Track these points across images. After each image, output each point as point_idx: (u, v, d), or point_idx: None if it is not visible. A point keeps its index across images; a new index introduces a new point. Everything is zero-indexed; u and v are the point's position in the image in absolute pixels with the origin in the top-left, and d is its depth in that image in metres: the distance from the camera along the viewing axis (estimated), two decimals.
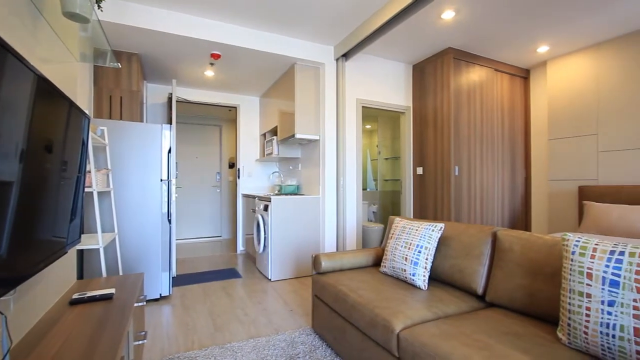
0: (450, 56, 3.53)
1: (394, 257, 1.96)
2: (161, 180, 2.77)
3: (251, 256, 4.47)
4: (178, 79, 4.21)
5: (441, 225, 1.89)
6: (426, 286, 1.79)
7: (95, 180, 2.04)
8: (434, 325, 1.35)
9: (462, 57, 3.61)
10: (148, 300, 2.79)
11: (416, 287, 1.80)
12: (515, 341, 1.18)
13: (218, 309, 2.61)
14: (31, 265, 1.07)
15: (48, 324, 1.29)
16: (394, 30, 3.10)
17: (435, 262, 1.93)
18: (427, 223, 1.94)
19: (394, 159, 5.55)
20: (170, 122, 4.26)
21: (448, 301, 1.62)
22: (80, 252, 2.51)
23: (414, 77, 4.07)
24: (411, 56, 3.83)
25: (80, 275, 2.50)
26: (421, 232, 1.90)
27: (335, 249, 3.65)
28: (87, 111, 2.71)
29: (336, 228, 3.64)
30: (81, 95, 2.50)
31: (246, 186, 5.00)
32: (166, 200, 2.80)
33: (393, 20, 2.80)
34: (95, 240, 2.13)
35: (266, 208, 3.48)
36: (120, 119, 3.05)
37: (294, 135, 3.56)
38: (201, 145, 6.03)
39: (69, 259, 1.78)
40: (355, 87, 3.73)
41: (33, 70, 1.00)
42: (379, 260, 2.33)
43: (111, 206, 2.51)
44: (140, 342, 1.65)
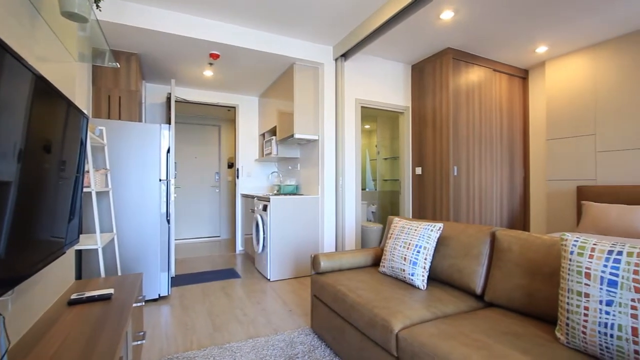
0: (449, 56, 3.53)
1: (393, 257, 1.96)
2: (160, 180, 2.76)
3: (250, 256, 4.47)
4: (177, 79, 4.20)
5: (440, 225, 1.89)
6: (425, 286, 1.79)
7: (93, 180, 2.03)
8: (433, 325, 1.35)
9: (461, 57, 3.62)
10: (147, 300, 2.79)
11: (415, 287, 1.80)
12: (514, 341, 1.18)
13: (217, 309, 2.61)
14: (29, 265, 1.07)
15: (46, 325, 1.29)
16: (393, 30, 3.11)
17: (434, 262, 1.93)
18: (426, 223, 1.94)
19: (393, 159, 5.56)
20: (169, 122, 4.25)
21: (447, 301, 1.62)
22: (78, 252, 2.50)
23: (413, 77, 4.08)
24: (410, 56, 3.83)
25: (78, 275, 2.49)
26: (420, 232, 1.90)
27: (334, 249, 3.66)
28: (86, 111, 2.71)
29: (335, 228, 3.65)
30: (80, 95, 2.49)
31: (245, 186, 5.00)
32: (165, 200, 2.80)
33: (392, 20, 2.80)
34: (93, 240, 2.13)
35: (265, 208, 3.47)
36: (119, 119, 3.05)
37: (293, 135, 3.56)
38: (200, 145, 6.02)
39: (68, 259, 1.77)
40: (354, 87, 3.73)
41: (31, 69, 1.00)
42: (378, 260, 2.33)
43: (110, 206, 2.51)
44: (138, 343, 1.64)
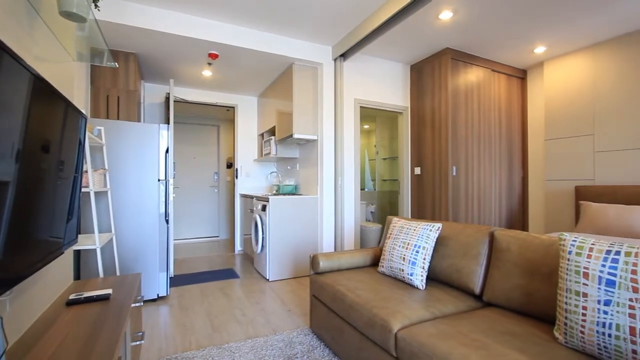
0: (447, 56, 3.54)
1: (392, 257, 1.96)
2: (159, 180, 2.76)
3: (249, 256, 4.47)
4: (176, 79, 4.19)
5: (439, 225, 1.89)
6: (424, 286, 1.79)
7: (92, 180, 2.03)
8: (432, 325, 1.35)
9: (460, 58, 3.62)
10: (145, 300, 2.78)
11: (414, 287, 1.81)
12: (512, 340, 1.19)
13: (216, 310, 2.61)
14: (27, 265, 1.07)
15: (44, 325, 1.29)
16: (392, 30, 3.11)
17: (433, 262, 1.93)
18: (425, 223, 1.95)
19: (392, 159, 5.56)
20: (167, 122, 4.25)
21: (446, 301, 1.62)
22: (77, 253, 2.50)
23: (412, 77, 4.08)
24: (409, 56, 3.84)
25: (77, 275, 2.49)
26: (419, 232, 1.90)
27: (333, 249, 3.66)
28: (84, 111, 2.70)
29: (334, 228, 3.65)
30: (78, 94, 2.49)
31: (244, 186, 4.99)
32: (164, 200, 2.79)
33: (391, 20, 2.80)
34: (92, 240, 2.12)
35: (264, 208, 3.47)
36: (117, 119, 3.04)
37: (292, 135, 3.56)
38: (199, 145, 6.01)
39: (66, 260, 1.77)
40: (353, 87, 3.73)
41: (29, 69, 1.00)
42: (377, 260, 2.34)
43: (108, 206, 2.50)
44: (137, 343, 1.64)
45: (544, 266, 1.41)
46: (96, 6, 1.66)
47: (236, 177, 4.96)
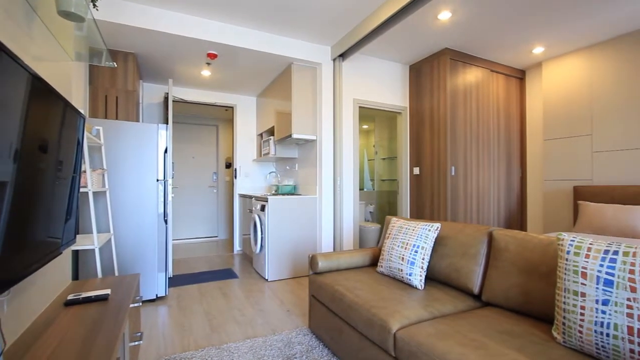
0: (446, 57, 3.54)
1: (391, 257, 1.97)
2: (157, 180, 2.76)
3: (248, 256, 4.46)
4: (174, 79, 4.19)
5: (437, 225, 1.90)
6: (423, 286, 1.80)
7: (90, 180, 2.02)
8: (431, 324, 1.36)
9: (459, 58, 3.63)
10: (144, 301, 2.78)
11: (413, 287, 1.81)
12: (510, 340, 1.19)
13: (214, 310, 2.60)
14: (25, 266, 1.06)
15: (42, 325, 1.28)
16: (391, 30, 3.12)
17: (431, 262, 1.93)
18: (424, 223, 1.95)
19: (391, 159, 5.57)
20: (166, 122, 4.24)
21: (444, 301, 1.63)
22: (75, 253, 2.49)
23: (411, 78, 4.08)
24: (408, 56, 3.84)
25: (75, 276, 2.48)
26: (418, 232, 1.91)
27: (332, 249, 3.66)
28: (83, 111, 2.69)
29: (333, 228, 3.65)
30: (76, 94, 2.48)
31: (243, 186, 4.99)
32: (162, 200, 2.79)
33: (390, 20, 2.80)
34: (90, 240, 2.12)
35: (263, 208, 3.47)
36: (116, 119, 3.03)
37: (291, 135, 3.56)
38: (198, 145, 6.00)
39: (64, 260, 1.76)
40: (352, 87, 3.73)
41: (27, 69, 1.00)
42: (376, 260, 2.34)
43: (107, 206, 2.49)
44: (136, 343, 1.64)
45: (543, 266, 1.41)
46: (94, 6, 1.66)
47: (235, 177, 4.95)
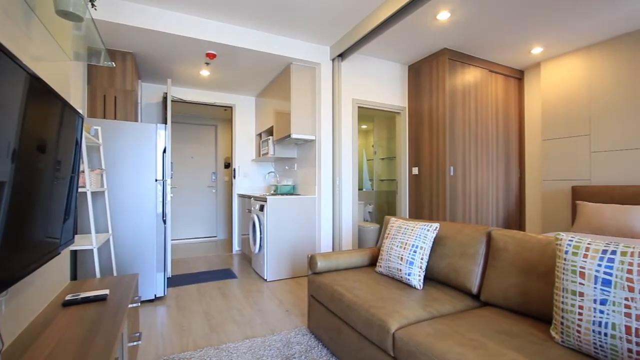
0: (445, 57, 3.55)
1: (390, 257, 1.97)
2: (156, 180, 2.75)
3: (247, 256, 4.46)
4: (173, 79, 4.18)
5: (436, 225, 1.90)
6: (421, 286, 1.80)
7: (88, 180, 2.02)
8: (429, 324, 1.36)
9: (457, 58, 3.63)
10: (143, 301, 2.77)
11: (412, 287, 1.81)
12: (509, 340, 1.19)
13: (213, 310, 2.60)
14: (23, 266, 1.06)
15: (41, 326, 1.28)
16: (390, 30, 3.12)
17: (430, 262, 1.94)
18: (423, 223, 1.95)
19: (390, 159, 5.57)
20: (165, 122, 4.23)
21: (443, 300, 1.63)
22: (73, 253, 2.48)
23: (410, 78, 4.09)
24: (407, 56, 3.84)
25: (73, 276, 2.48)
26: (416, 232, 1.91)
27: (331, 249, 3.66)
28: (81, 110, 2.69)
29: (332, 228, 3.65)
30: (75, 94, 2.48)
31: (242, 186, 4.99)
32: (161, 200, 2.78)
33: (389, 20, 2.81)
34: (89, 240, 2.11)
35: (262, 208, 3.47)
36: (114, 119, 3.03)
37: (290, 135, 3.56)
38: (196, 145, 6.00)
39: (62, 260, 1.76)
40: (351, 87, 3.73)
41: (25, 69, 0.99)
42: (375, 260, 2.34)
43: (105, 206, 2.49)
44: (134, 344, 1.64)
45: (541, 266, 1.41)
46: (93, 5, 1.65)
47: (234, 177, 4.95)
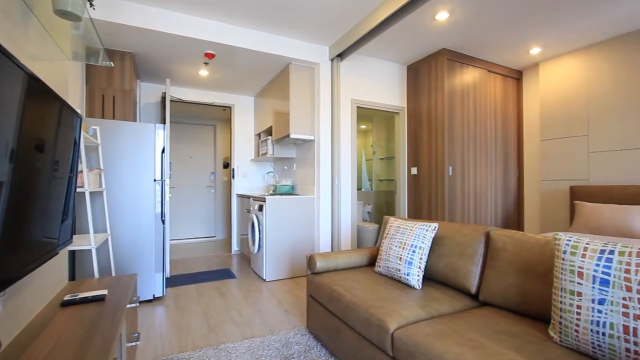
0: (444, 57, 3.55)
1: (389, 257, 1.97)
2: (155, 180, 2.75)
3: (246, 256, 4.46)
4: (172, 78, 4.18)
5: (435, 225, 1.90)
6: (420, 286, 1.80)
7: (87, 180, 2.01)
8: (428, 324, 1.36)
9: (456, 58, 3.64)
10: (141, 301, 2.77)
11: (410, 287, 1.81)
12: (507, 340, 1.19)
13: (212, 310, 2.60)
14: (21, 266, 1.06)
15: (39, 326, 1.27)
16: (389, 31, 3.12)
17: (429, 262, 1.94)
18: (421, 223, 1.95)
19: (389, 159, 5.58)
20: (163, 122, 4.22)
21: (442, 300, 1.63)
22: (72, 253, 2.48)
23: (409, 78, 4.09)
24: (405, 57, 3.85)
25: (72, 276, 2.47)
26: (415, 232, 1.91)
27: (330, 249, 3.66)
28: (79, 110, 2.68)
29: (331, 228, 3.65)
30: (73, 94, 2.47)
31: (241, 186, 4.98)
32: (160, 200, 2.78)
33: (388, 21, 2.81)
34: (87, 240, 2.11)
35: (261, 208, 3.47)
36: (113, 119, 3.02)
37: (289, 135, 3.56)
38: (195, 145, 5.99)
39: (61, 260, 1.75)
40: (350, 88, 3.74)
41: (23, 68, 0.99)
42: (374, 260, 2.34)
43: (104, 206, 2.48)
44: (133, 344, 1.63)
45: (539, 265, 1.42)
46: (91, 5, 1.65)
47: (233, 177, 4.95)
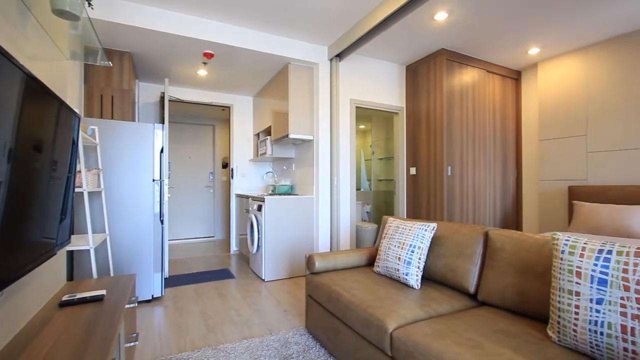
0: (442, 57, 3.56)
1: (388, 257, 1.97)
2: (153, 180, 2.74)
3: (245, 256, 4.45)
4: (171, 78, 4.17)
5: (434, 225, 1.90)
6: (419, 285, 1.80)
7: (85, 180, 2.01)
8: (427, 324, 1.36)
9: (455, 59, 3.64)
10: (140, 301, 2.76)
11: (409, 287, 1.81)
12: (506, 339, 1.20)
13: (211, 310, 2.60)
14: (19, 266, 1.05)
15: (37, 327, 1.27)
16: (388, 31, 3.12)
17: (428, 262, 1.94)
18: (420, 223, 1.96)
19: (388, 159, 5.58)
20: (162, 122, 4.22)
21: (440, 300, 1.63)
22: (70, 253, 2.47)
23: (407, 78, 4.10)
24: (404, 57, 3.85)
25: (70, 276, 2.46)
26: (414, 232, 1.91)
27: (329, 249, 3.66)
28: (78, 110, 2.67)
29: (330, 228, 3.65)
30: (71, 94, 2.46)
31: (240, 186, 4.98)
32: (158, 200, 2.77)
33: (387, 21, 2.81)
34: (85, 241, 2.10)
35: (260, 208, 3.46)
36: (111, 118, 3.01)
37: (288, 135, 3.56)
38: (194, 145, 5.98)
39: (59, 260, 1.75)
40: (349, 88, 3.74)
41: (22, 68, 0.99)
42: (373, 260, 2.34)
43: (102, 206, 2.48)
44: (131, 344, 1.63)
45: (538, 265, 1.42)
46: (90, 4, 1.64)
47: (232, 177, 4.94)
